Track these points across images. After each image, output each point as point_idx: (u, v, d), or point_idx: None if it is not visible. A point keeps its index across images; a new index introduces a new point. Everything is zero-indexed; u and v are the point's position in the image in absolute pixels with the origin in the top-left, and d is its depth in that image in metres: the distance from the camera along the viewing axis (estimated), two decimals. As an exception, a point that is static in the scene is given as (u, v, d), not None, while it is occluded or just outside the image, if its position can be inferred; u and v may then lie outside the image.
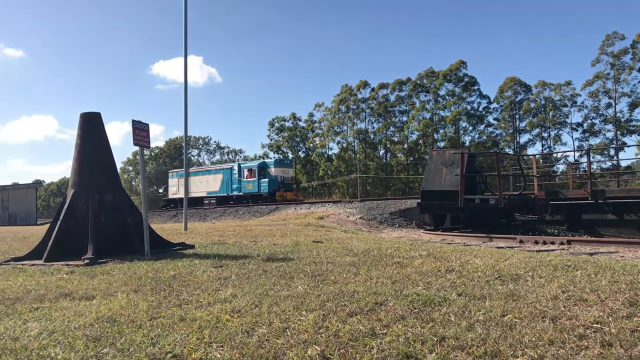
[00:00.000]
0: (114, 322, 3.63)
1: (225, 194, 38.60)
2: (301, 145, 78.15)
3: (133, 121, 8.18)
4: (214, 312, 3.79)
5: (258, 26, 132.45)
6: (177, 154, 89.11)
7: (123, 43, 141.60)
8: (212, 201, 38.72)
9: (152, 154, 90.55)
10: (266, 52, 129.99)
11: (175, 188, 43.57)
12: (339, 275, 5.45)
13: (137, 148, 8.42)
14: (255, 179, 36.69)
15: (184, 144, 18.43)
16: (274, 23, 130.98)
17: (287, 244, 9.52)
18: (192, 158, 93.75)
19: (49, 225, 8.91)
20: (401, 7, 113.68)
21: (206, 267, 6.38)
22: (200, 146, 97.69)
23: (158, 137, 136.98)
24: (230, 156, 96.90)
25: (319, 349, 2.90)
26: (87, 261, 7.23)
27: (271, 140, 79.79)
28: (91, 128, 8.67)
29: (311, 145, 75.75)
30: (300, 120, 78.86)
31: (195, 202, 39.01)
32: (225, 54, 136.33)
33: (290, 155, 73.67)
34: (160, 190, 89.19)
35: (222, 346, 3.01)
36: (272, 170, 36.59)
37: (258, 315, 3.67)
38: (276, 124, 79.52)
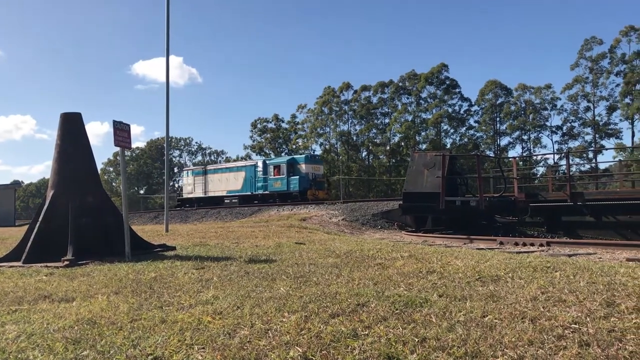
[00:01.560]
0: (94, 324, 3.60)
1: (249, 193, 35.61)
2: (284, 146, 78.18)
3: (114, 122, 8.11)
4: (196, 314, 3.78)
5: (239, 27, 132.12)
6: (159, 155, 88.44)
7: (102, 42, 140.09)
8: (233, 200, 35.69)
9: (133, 154, 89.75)
10: (248, 53, 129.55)
11: (190, 187, 40.14)
12: (321, 276, 5.45)
13: (117, 149, 8.34)
14: (284, 176, 33.57)
15: (165, 145, 18.31)
16: (256, 24, 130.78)
17: (270, 245, 9.50)
18: (174, 159, 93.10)
19: (27, 226, 8.79)
20: (384, 9, 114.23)
21: (187, 268, 6.34)
22: (182, 147, 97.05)
23: (138, 138, 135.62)
24: (213, 157, 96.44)
25: (300, 350, 2.90)
26: (66, 263, 7.15)
27: (254, 141, 79.77)
28: (72, 128, 8.57)
29: (294, 146, 75.77)
30: (283, 122, 79.02)
31: (214, 202, 36.71)
32: (206, 54, 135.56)
33: (273, 157, 73.60)
34: (141, 191, 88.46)
35: (203, 348, 3.00)
36: (303, 167, 33.69)
37: (240, 316, 3.66)
38: (259, 125, 79.50)
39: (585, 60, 56.69)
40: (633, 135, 54.50)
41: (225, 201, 36.34)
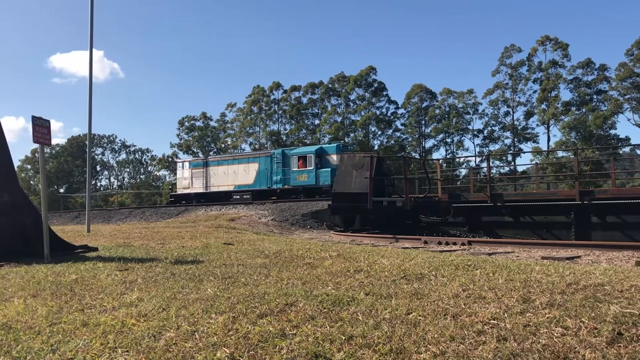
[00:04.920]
0: (10, 329, 3.43)
1: (266, 187, 31.31)
2: (212, 145, 77.07)
3: (33, 117, 7.75)
4: (119, 317, 3.67)
5: (163, 21, 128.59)
6: (80, 152, 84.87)
7: (17, 34, 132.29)
8: (245, 196, 31.29)
9: (53, 151, 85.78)
10: (173, 49, 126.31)
11: (187, 181, 35.47)
12: (249, 277, 5.43)
13: (36, 145, 7.97)
14: (312, 168, 29.19)
15: (87, 142, 17.65)
16: (181, 19, 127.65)
17: (197, 246, 9.36)
18: (96, 157, 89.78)
19: None
20: (313, 10, 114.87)
21: (110, 270, 6.15)
22: (105, 144, 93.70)
23: (57, 134, 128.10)
24: (137, 155, 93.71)
25: (228, 351, 2.88)
26: (-22, 265, 6.78)
27: (181, 139, 78.16)
28: (-15, 123, 8.11)
29: (223, 145, 74.88)
30: (211, 120, 77.90)
31: (219, 198, 32.69)
32: (128, 48, 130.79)
33: (201, 155, 72.33)
34: (61, 190, 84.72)
35: (127, 351, 2.92)
36: (334, 158, 28.72)
37: (165, 319, 3.60)
38: (186, 123, 77.96)
39: (506, 67, 59.28)
40: (549, 140, 57.60)
41: (234, 197, 32.21)
